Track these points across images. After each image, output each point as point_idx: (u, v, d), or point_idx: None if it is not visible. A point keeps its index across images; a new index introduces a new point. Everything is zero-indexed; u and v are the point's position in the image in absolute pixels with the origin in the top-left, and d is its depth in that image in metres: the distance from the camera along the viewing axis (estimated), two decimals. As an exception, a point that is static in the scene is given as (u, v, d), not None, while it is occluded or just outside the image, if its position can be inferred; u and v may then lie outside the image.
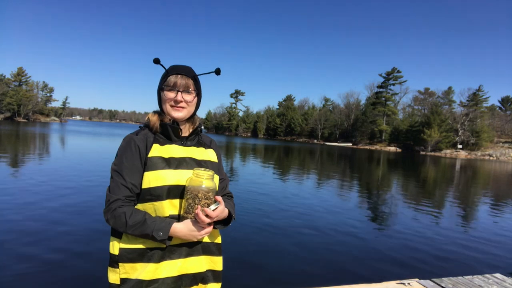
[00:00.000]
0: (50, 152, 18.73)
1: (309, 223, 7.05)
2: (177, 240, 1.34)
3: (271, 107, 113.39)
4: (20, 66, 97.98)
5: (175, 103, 1.41)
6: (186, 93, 1.42)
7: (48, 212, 6.34)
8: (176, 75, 1.42)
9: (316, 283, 3.93)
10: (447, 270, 4.84)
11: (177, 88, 1.40)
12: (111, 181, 1.35)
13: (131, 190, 1.32)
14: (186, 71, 1.44)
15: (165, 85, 1.42)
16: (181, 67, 1.45)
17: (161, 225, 1.26)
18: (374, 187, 14.27)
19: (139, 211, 1.31)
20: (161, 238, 1.25)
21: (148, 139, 1.39)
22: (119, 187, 1.32)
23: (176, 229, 1.29)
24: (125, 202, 1.31)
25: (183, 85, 1.41)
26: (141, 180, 1.34)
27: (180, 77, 1.41)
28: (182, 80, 1.41)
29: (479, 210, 10.44)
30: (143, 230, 1.26)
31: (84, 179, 10.17)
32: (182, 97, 1.41)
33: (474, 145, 62.64)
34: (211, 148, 1.57)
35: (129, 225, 1.26)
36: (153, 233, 1.24)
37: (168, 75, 1.42)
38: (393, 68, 78.93)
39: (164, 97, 1.42)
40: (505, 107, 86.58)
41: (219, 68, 1.50)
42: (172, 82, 1.41)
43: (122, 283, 1.32)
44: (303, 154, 34.32)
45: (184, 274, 1.36)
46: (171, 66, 1.45)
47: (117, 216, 1.28)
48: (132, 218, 1.26)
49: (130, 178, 1.33)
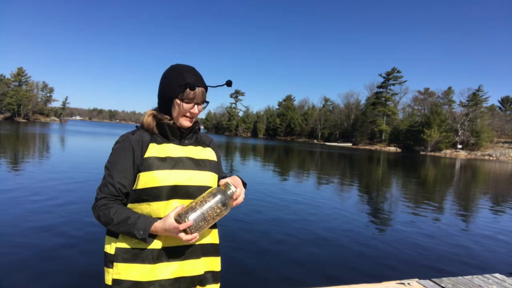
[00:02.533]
0: (50, 152, 18.74)
1: (308, 223, 7.05)
2: (174, 242, 1.31)
3: (271, 107, 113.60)
4: (20, 66, 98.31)
5: (190, 115, 1.39)
6: (200, 105, 1.42)
7: (47, 212, 6.33)
8: (197, 87, 1.37)
9: (316, 283, 3.92)
10: (447, 270, 4.84)
11: (195, 101, 1.38)
12: (102, 178, 1.36)
13: (117, 190, 1.32)
14: (203, 83, 1.41)
15: (185, 97, 1.37)
16: (199, 78, 1.40)
17: (142, 224, 1.26)
18: (373, 187, 14.27)
19: (124, 209, 1.31)
20: (141, 237, 1.26)
21: (144, 139, 1.37)
22: (107, 186, 1.33)
23: (156, 228, 1.27)
24: (111, 200, 1.32)
25: (200, 98, 1.39)
26: (132, 181, 1.34)
27: (198, 90, 1.38)
28: (200, 93, 1.38)
29: (479, 210, 10.44)
30: (126, 229, 1.27)
31: (85, 179, 10.17)
32: (197, 109, 1.40)
33: (474, 145, 62.69)
34: (210, 147, 1.55)
35: (114, 223, 1.27)
36: (134, 231, 1.26)
37: (186, 84, 1.35)
38: (393, 68, 79.07)
39: (181, 108, 1.37)
40: (505, 107, 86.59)
41: (230, 80, 1.44)
42: (192, 95, 1.37)
43: (114, 284, 1.30)
44: (303, 154, 34.33)
45: (182, 276, 1.34)
46: (189, 73, 1.38)
47: (102, 214, 1.29)
48: (116, 216, 1.27)
49: (119, 178, 1.32)
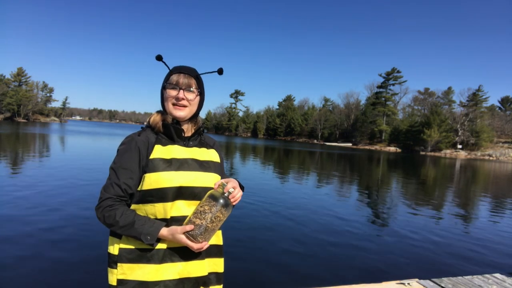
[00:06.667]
0: (50, 152, 18.73)
1: (308, 223, 7.05)
2: (179, 243, 1.32)
3: (271, 107, 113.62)
4: (20, 66, 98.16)
5: (176, 101, 1.42)
6: (188, 92, 1.43)
7: (48, 211, 6.34)
8: (179, 74, 1.43)
9: (316, 283, 3.93)
10: (447, 270, 4.85)
11: (179, 86, 1.41)
12: (107, 179, 1.36)
13: (123, 191, 1.32)
14: (189, 70, 1.46)
15: (168, 83, 1.43)
16: (184, 67, 1.47)
17: (150, 229, 1.27)
18: (374, 187, 14.27)
19: (130, 212, 1.31)
20: (148, 242, 1.27)
21: (150, 140, 1.39)
22: (113, 186, 1.32)
23: (163, 234, 1.30)
24: (116, 201, 1.31)
25: (185, 83, 1.42)
26: (137, 182, 1.35)
27: (183, 75, 1.43)
28: (185, 79, 1.42)
29: (479, 210, 10.44)
30: (131, 232, 1.27)
31: (85, 179, 10.18)
32: (184, 95, 1.41)
33: (474, 145, 62.68)
34: (214, 148, 1.58)
35: (120, 226, 1.28)
36: (141, 236, 1.27)
37: (171, 74, 1.44)
38: (393, 68, 79.13)
39: (166, 95, 1.43)
40: (505, 107, 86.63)
41: (221, 68, 1.52)
42: (174, 80, 1.42)
43: (119, 284, 1.31)
44: (303, 155, 34.32)
45: (186, 277, 1.34)
46: (175, 66, 1.47)
47: (108, 216, 1.29)
48: (122, 219, 1.27)
49: (125, 178, 1.33)
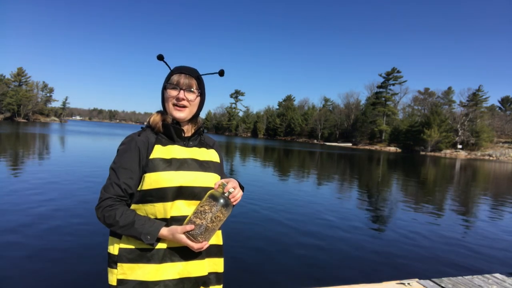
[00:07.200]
0: (50, 152, 18.74)
1: (308, 223, 7.05)
2: (179, 243, 1.33)
3: (271, 107, 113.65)
4: (20, 66, 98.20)
5: (177, 101, 1.41)
6: (189, 92, 1.43)
7: (48, 212, 6.34)
8: (180, 74, 1.43)
9: (316, 283, 3.93)
10: (447, 270, 4.84)
11: (180, 87, 1.41)
12: (107, 179, 1.36)
13: (123, 190, 1.33)
14: (190, 70, 1.45)
15: (169, 83, 1.43)
16: (185, 67, 1.46)
17: (150, 229, 1.28)
18: (373, 187, 14.27)
19: (130, 212, 1.32)
20: (148, 242, 1.28)
21: (150, 140, 1.39)
22: (113, 186, 1.33)
23: (163, 234, 1.30)
24: (116, 201, 1.32)
25: (186, 84, 1.42)
26: (137, 181, 1.35)
27: (183, 76, 1.42)
28: (186, 79, 1.42)
29: (479, 210, 10.44)
30: (131, 232, 1.28)
31: (85, 179, 10.18)
32: (185, 96, 1.41)
33: (474, 145, 62.69)
34: (213, 148, 1.58)
35: (120, 226, 1.28)
36: (141, 236, 1.27)
37: (172, 74, 1.44)
38: (393, 68, 79.15)
39: (167, 95, 1.43)
40: (505, 107, 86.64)
41: (223, 70, 1.51)
42: (175, 80, 1.42)
43: (119, 283, 1.32)
44: (303, 155, 34.32)
45: (186, 277, 1.35)
46: (176, 66, 1.47)
47: (108, 216, 1.29)
48: (123, 219, 1.28)
49: (125, 178, 1.33)
